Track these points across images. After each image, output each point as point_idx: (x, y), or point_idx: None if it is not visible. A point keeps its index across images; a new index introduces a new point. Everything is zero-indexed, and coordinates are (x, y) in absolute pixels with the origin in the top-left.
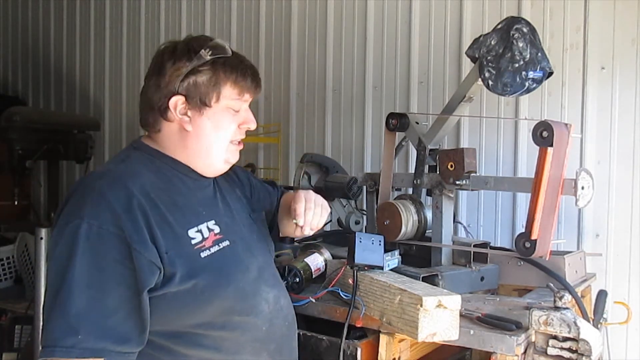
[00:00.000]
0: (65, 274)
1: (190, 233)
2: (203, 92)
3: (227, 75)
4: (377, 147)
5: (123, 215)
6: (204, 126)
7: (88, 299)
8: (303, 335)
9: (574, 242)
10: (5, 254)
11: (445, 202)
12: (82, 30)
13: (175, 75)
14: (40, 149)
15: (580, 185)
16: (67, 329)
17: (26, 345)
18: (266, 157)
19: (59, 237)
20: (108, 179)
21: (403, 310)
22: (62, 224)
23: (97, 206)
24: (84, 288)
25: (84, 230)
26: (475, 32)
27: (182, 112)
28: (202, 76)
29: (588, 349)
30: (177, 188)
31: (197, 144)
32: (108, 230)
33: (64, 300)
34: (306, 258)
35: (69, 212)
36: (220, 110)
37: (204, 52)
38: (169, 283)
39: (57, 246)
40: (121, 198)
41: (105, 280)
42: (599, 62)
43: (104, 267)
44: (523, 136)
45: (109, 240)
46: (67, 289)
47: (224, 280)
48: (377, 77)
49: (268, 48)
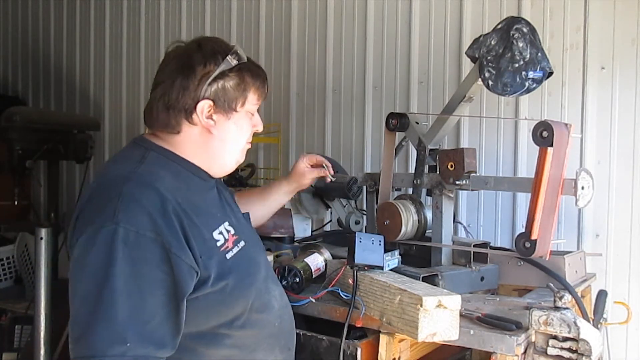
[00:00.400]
0: (105, 282)
1: (214, 235)
2: (231, 97)
3: (253, 82)
4: (377, 147)
5: (159, 219)
6: (229, 130)
7: (130, 307)
8: (303, 336)
9: (574, 242)
10: (5, 254)
11: (445, 202)
12: (82, 30)
13: (205, 79)
14: (40, 149)
15: (580, 185)
16: (115, 338)
17: (26, 345)
18: (266, 157)
19: (91, 244)
20: (136, 181)
21: (403, 310)
22: (93, 229)
23: (132, 210)
24: (126, 296)
25: (121, 236)
26: (475, 32)
27: (208, 116)
28: (231, 81)
29: (588, 349)
30: (194, 191)
31: (220, 147)
32: (145, 235)
33: (107, 308)
34: (306, 258)
35: (98, 217)
36: (243, 115)
37: (231, 57)
38: (202, 286)
39: (89, 253)
40: (156, 202)
41: (145, 286)
42: (599, 62)
43: (143, 273)
44: (523, 136)
45: (146, 246)
46: (109, 298)
47: (247, 279)
48: (377, 77)
49: (268, 48)
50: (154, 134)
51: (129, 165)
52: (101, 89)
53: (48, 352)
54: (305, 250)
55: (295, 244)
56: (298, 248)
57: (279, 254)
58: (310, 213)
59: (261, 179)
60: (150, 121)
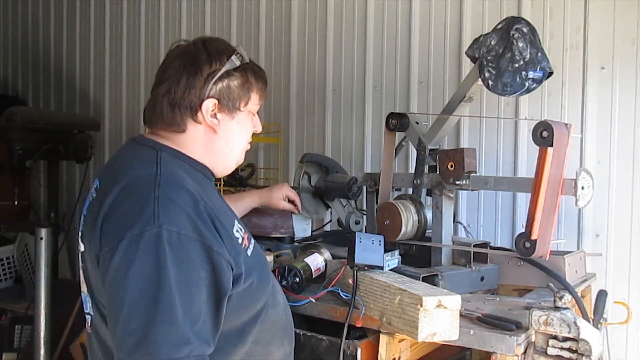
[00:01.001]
0: (158, 285)
1: (235, 233)
2: (235, 96)
3: (256, 82)
4: (377, 147)
5: (197, 219)
6: (232, 129)
7: (184, 307)
8: (303, 336)
9: (574, 242)
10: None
11: (445, 202)
12: (82, 30)
13: (211, 77)
14: (40, 149)
15: (580, 185)
16: (179, 340)
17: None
18: (266, 157)
19: (134, 249)
20: (166, 183)
21: (403, 310)
22: (134, 234)
23: (171, 212)
24: (179, 297)
25: (166, 238)
26: (475, 32)
27: (212, 115)
28: (235, 80)
29: (588, 349)
30: (207, 190)
31: (224, 146)
32: (187, 235)
33: (166, 312)
34: (306, 258)
35: (137, 221)
36: (245, 115)
37: (235, 57)
38: (237, 283)
39: (135, 258)
40: (190, 202)
41: (192, 285)
42: (599, 62)
43: (189, 273)
44: (523, 136)
45: (190, 245)
46: (166, 301)
47: (266, 275)
48: (377, 77)
49: (268, 48)
50: (155, 133)
51: (149, 167)
52: (101, 89)
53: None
54: (305, 250)
55: (295, 244)
56: (298, 248)
57: (279, 254)
58: (310, 213)
59: (261, 179)
60: (153, 119)
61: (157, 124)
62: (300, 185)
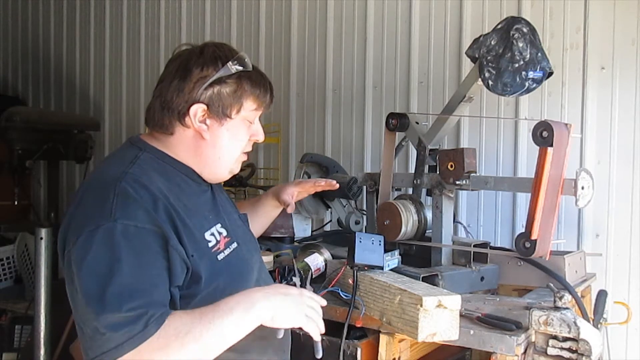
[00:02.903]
0: (111, 272)
1: (206, 236)
2: (226, 103)
3: (252, 90)
4: (377, 147)
5: (155, 214)
6: (221, 136)
7: (137, 290)
8: (303, 336)
9: (574, 242)
10: (5, 254)
11: (445, 202)
12: (82, 30)
13: (200, 82)
14: (40, 149)
15: (580, 185)
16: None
17: (26, 345)
18: (266, 157)
19: (90, 243)
20: (128, 180)
21: (403, 310)
22: (89, 230)
23: (128, 207)
24: (135, 282)
25: (120, 231)
26: (475, 32)
27: (201, 120)
28: (227, 87)
29: (588, 349)
30: (186, 192)
31: (211, 153)
32: (145, 227)
33: (115, 301)
34: (306, 258)
35: (92, 217)
36: (238, 123)
37: (231, 64)
38: (196, 286)
39: (89, 252)
40: (148, 199)
41: (150, 275)
42: (599, 62)
43: (147, 263)
44: (523, 136)
45: (147, 237)
46: (117, 281)
47: (239, 281)
48: (377, 77)
49: (268, 48)
50: (150, 134)
51: (121, 166)
52: (101, 89)
53: (48, 352)
54: (305, 250)
55: (295, 244)
56: (298, 248)
57: (279, 254)
58: (310, 213)
59: (261, 179)
60: (148, 120)
61: (151, 125)
62: None
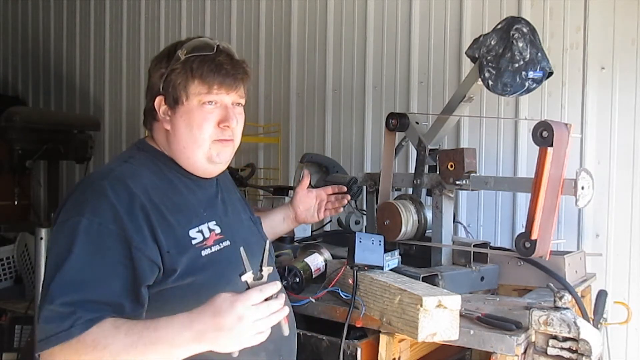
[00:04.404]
0: (61, 263)
1: (191, 233)
2: (175, 90)
3: (195, 72)
4: (377, 147)
5: (125, 215)
6: (179, 125)
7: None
8: (303, 335)
9: (574, 242)
10: (5, 254)
11: (445, 202)
12: (82, 30)
13: (157, 77)
14: (40, 149)
15: (580, 185)
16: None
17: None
18: (266, 157)
19: (59, 234)
20: (111, 178)
21: (403, 310)
22: (62, 221)
23: (99, 204)
24: (78, 272)
25: (84, 226)
26: (475, 32)
27: (164, 112)
28: (175, 75)
29: (588, 349)
30: (178, 189)
31: (175, 143)
32: (108, 227)
33: (54, 290)
34: (306, 258)
35: (69, 210)
36: (193, 109)
37: (180, 52)
38: (167, 279)
39: (56, 242)
40: (124, 198)
41: (99, 272)
42: (599, 62)
43: (101, 262)
44: (523, 136)
45: (108, 238)
46: (62, 273)
47: (224, 279)
48: (377, 77)
49: (268, 48)
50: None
51: (112, 165)
52: (101, 89)
53: None
54: (305, 250)
55: (295, 244)
56: (298, 248)
57: (279, 254)
58: None
59: (261, 179)
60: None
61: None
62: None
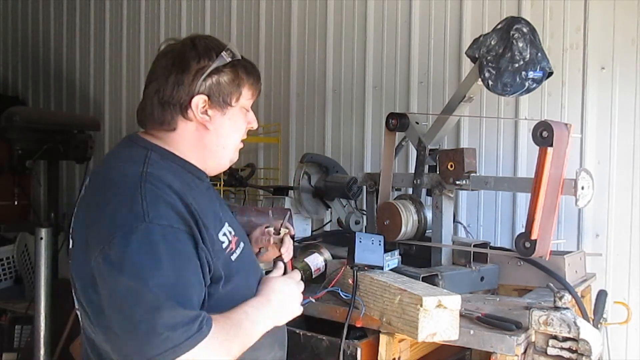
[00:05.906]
0: (151, 272)
1: (220, 237)
2: (226, 92)
3: (247, 77)
4: (377, 147)
5: (186, 214)
6: (224, 125)
7: (182, 292)
8: (303, 335)
9: (574, 242)
10: (5, 254)
11: (445, 202)
12: (82, 30)
13: (199, 74)
14: (40, 149)
15: (580, 185)
16: (183, 320)
17: (26, 345)
18: (266, 157)
19: (126, 246)
20: (151, 180)
21: (403, 310)
22: (123, 232)
23: (159, 207)
24: (178, 284)
25: (158, 232)
26: (475, 32)
27: (202, 111)
28: (225, 76)
29: (588, 349)
30: (195, 192)
31: (215, 143)
32: (179, 228)
33: (169, 298)
34: (306, 258)
35: (124, 218)
36: (237, 111)
37: (225, 53)
38: (216, 286)
39: (128, 254)
40: (176, 199)
41: (188, 277)
42: (599, 62)
43: (184, 265)
44: (523, 136)
45: (182, 237)
46: (167, 289)
47: (251, 279)
48: (377, 77)
49: (268, 48)
50: (149, 133)
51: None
52: (101, 89)
53: (48, 352)
54: (305, 250)
55: (295, 244)
56: (298, 248)
57: None
58: (310, 213)
59: (261, 179)
60: (144, 119)
61: (149, 124)
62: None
